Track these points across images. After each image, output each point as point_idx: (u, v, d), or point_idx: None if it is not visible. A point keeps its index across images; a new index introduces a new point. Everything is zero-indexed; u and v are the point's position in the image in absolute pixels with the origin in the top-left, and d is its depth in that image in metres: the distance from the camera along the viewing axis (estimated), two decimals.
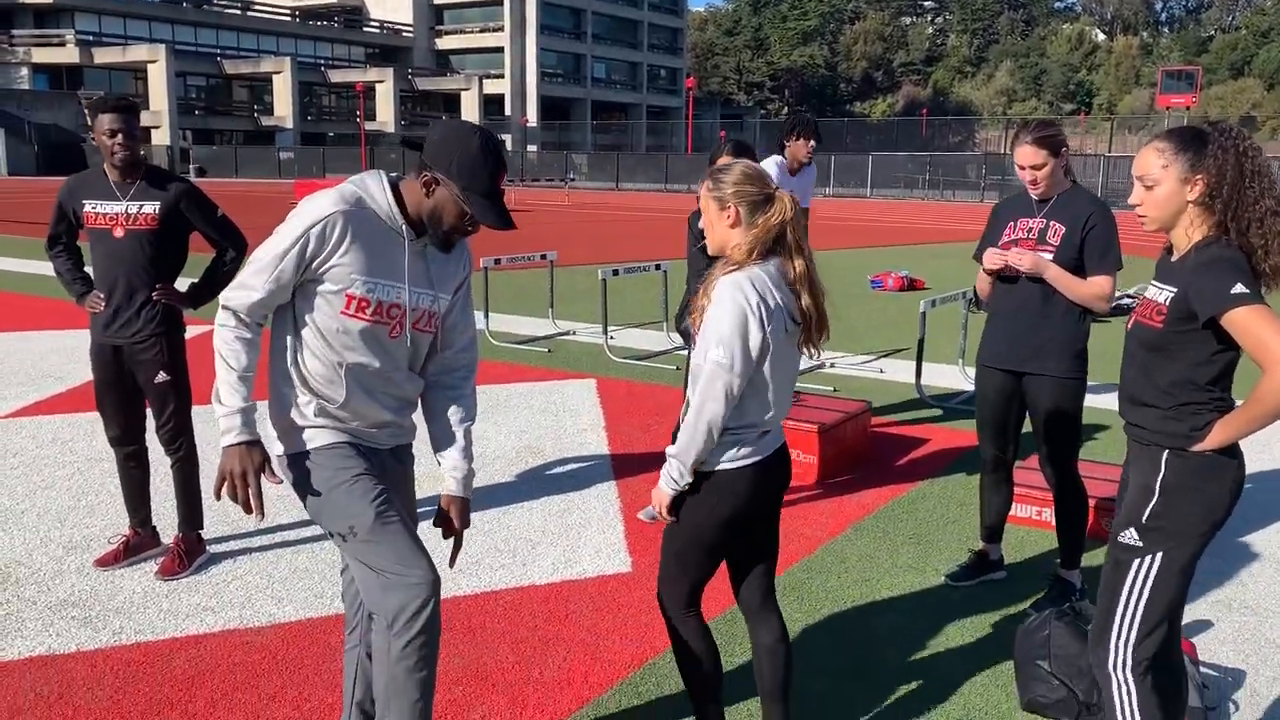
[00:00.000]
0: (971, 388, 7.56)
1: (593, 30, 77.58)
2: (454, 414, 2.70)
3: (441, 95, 72.15)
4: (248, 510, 2.45)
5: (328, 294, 2.45)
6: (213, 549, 4.42)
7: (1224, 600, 4.14)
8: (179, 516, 4.27)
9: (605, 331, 9.20)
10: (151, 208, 4.00)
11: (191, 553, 4.25)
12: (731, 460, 2.63)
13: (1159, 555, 2.47)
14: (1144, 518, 2.49)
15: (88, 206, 4.00)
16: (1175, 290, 2.43)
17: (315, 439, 2.53)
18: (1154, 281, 2.57)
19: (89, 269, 4.15)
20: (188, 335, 4.29)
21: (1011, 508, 4.47)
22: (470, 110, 69.40)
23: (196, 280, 4.22)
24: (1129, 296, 10.46)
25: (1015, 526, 4.83)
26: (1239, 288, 2.30)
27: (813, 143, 5.90)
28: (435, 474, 4.97)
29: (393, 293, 2.50)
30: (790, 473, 2.85)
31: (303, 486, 2.55)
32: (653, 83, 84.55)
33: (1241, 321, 2.29)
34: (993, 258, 3.91)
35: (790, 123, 5.92)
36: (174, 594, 3.99)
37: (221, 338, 2.46)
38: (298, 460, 2.54)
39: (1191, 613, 4.01)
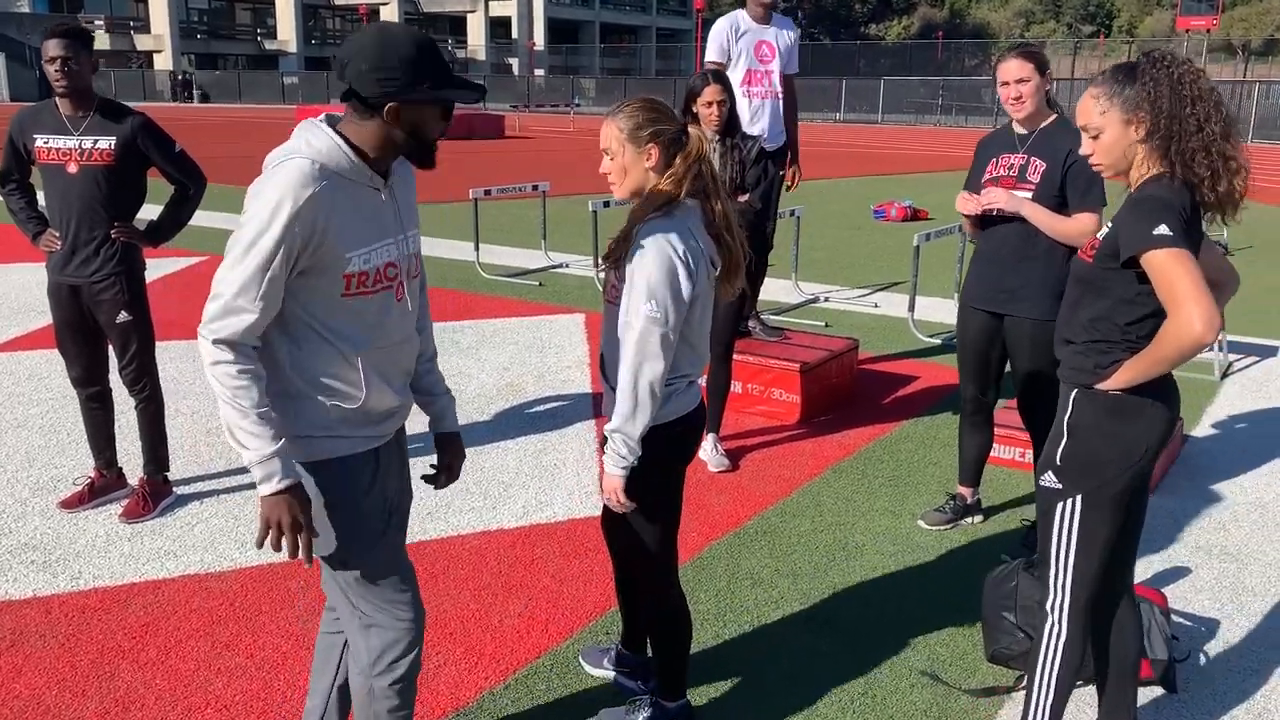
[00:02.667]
0: None
1: None
2: (422, 358, 2.46)
3: (447, 18, 70.79)
4: (296, 557, 2.14)
5: (322, 283, 2.09)
6: (182, 490, 4.37)
7: (1204, 546, 4.07)
8: (144, 458, 4.21)
9: (596, 264, 9.05)
10: (106, 143, 3.86)
11: (157, 495, 4.20)
12: (669, 414, 2.52)
13: (1079, 497, 2.42)
14: (1057, 459, 2.45)
15: (39, 141, 3.87)
16: (1111, 225, 2.37)
17: (318, 451, 2.17)
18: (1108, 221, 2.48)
19: (43, 206, 4.03)
20: (148, 274, 4.18)
21: (993, 449, 4.39)
22: (476, 34, 68.19)
23: (155, 218, 4.10)
24: None
25: (998, 468, 4.75)
26: (1162, 229, 2.21)
27: None
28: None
29: (387, 251, 2.18)
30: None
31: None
32: (662, 4, 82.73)
33: (1158, 263, 2.21)
34: (964, 203, 3.77)
35: None
36: (136, 537, 3.95)
37: (220, 377, 2.03)
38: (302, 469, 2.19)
39: (1168, 559, 3.94)
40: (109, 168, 3.88)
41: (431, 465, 2.54)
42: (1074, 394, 2.44)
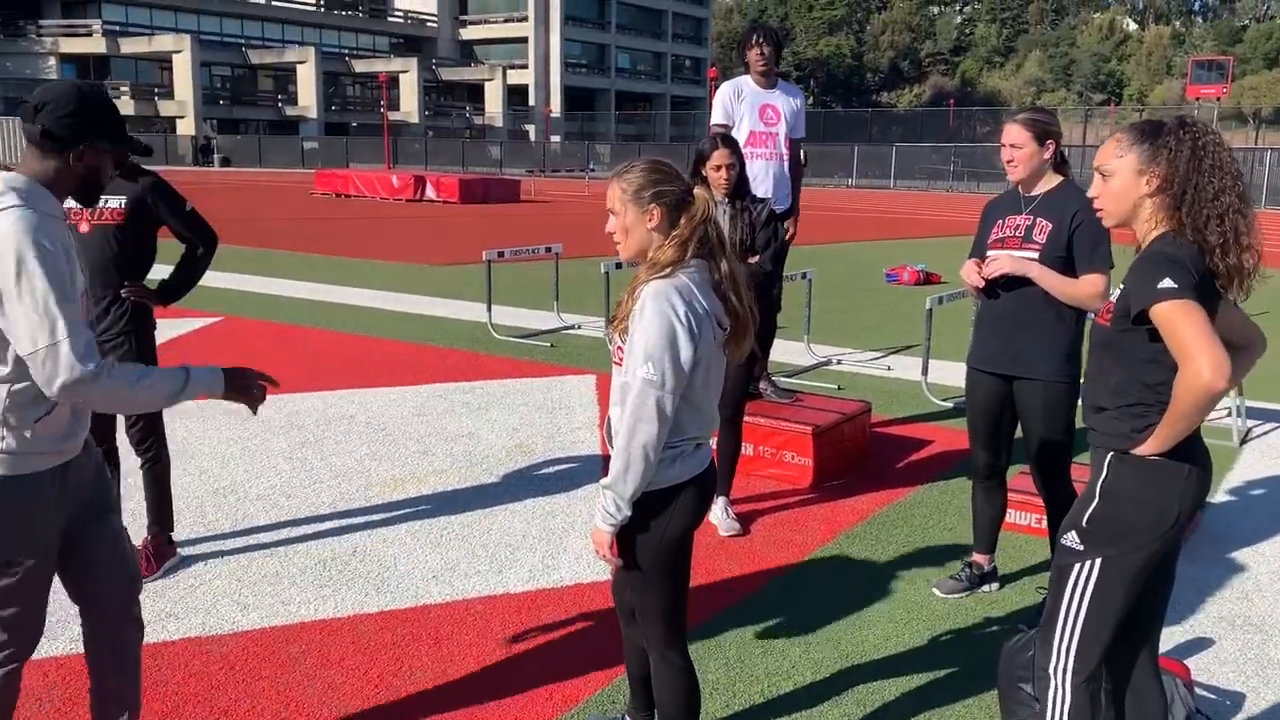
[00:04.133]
0: None
1: (617, 20, 77.29)
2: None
3: (465, 85, 72.15)
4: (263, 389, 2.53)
5: None
6: (186, 550, 4.33)
7: (1227, 617, 3.96)
8: (149, 518, 4.17)
9: (607, 326, 9.05)
10: (117, 202, 3.90)
11: (160, 555, 4.15)
12: (675, 477, 2.48)
13: (1099, 561, 2.37)
14: (1084, 520, 2.40)
15: None
16: (1123, 287, 2.35)
17: (17, 467, 2.31)
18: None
19: None
20: (159, 333, 4.18)
21: (1008, 515, 4.31)
22: (494, 101, 69.38)
23: (166, 277, 4.11)
24: None
25: (1014, 535, 4.67)
26: (1167, 282, 2.19)
27: (765, 49, 5.71)
28: (417, 475, 4.86)
29: (82, 281, 2.36)
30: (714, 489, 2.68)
31: None
32: (677, 73, 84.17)
33: (1164, 316, 2.20)
34: (969, 274, 3.76)
35: (747, 32, 5.81)
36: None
37: (116, 385, 2.26)
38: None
39: (1192, 629, 3.83)
40: (120, 226, 3.91)
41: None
42: (1109, 458, 2.39)
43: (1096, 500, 2.39)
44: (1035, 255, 3.64)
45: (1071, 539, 2.42)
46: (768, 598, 4.03)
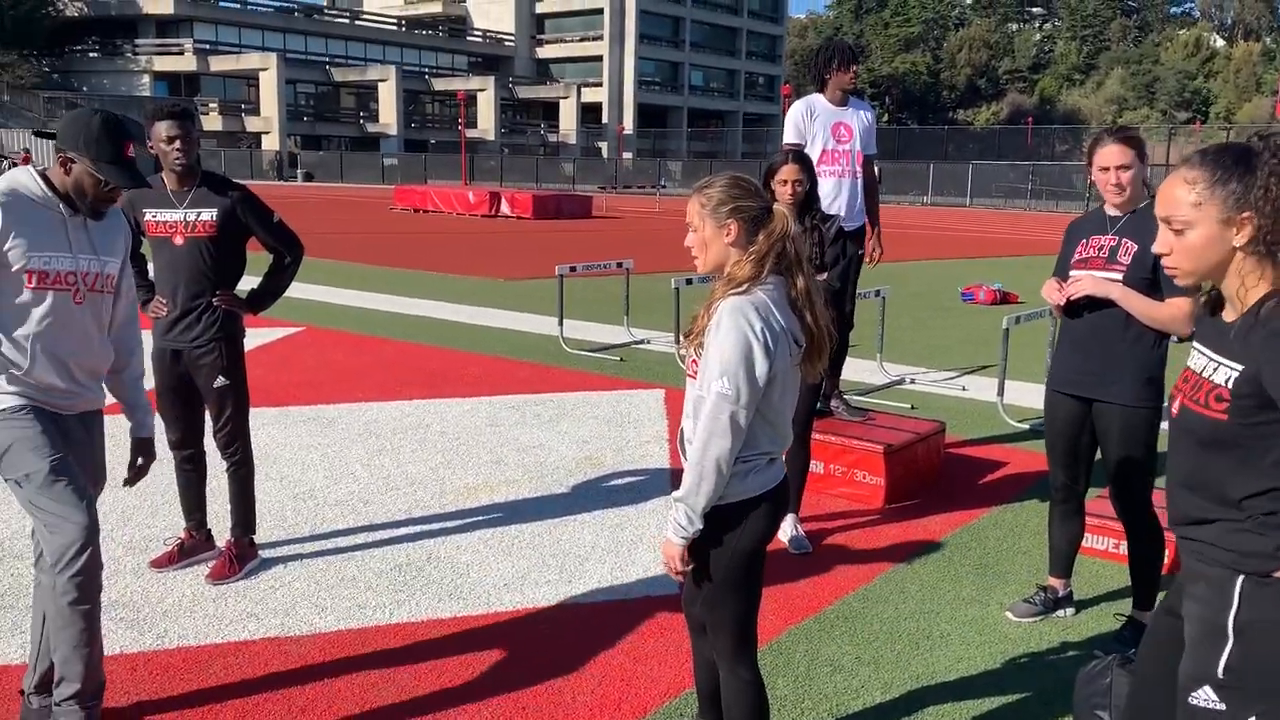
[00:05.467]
0: None
1: (691, 38, 77.64)
2: (127, 380, 3.23)
3: (540, 103, 73.02)
4: None
5: (9, 275, 2.80)
6: (266, 553, 4.45)
7: None
8: (232, 520, 4.30)
9: (678, 341, 9.08)
10: (209, 215, 4.04)
11: (243, 557, 4.28)
12: (747, 491, 2.50)
13: None
14: (1219, 670, 1.88)
15: (148, 215, 4.06)
16: (1241, 368, 1.86)
17: (2, 403, 2.85)
18: (1200, 347, 2.00)
19: (153, 274, 4.21)
20: (245, 341, 4.32)
21: (1085, 539, 4.22)
22: (568, 118, 70.10)
23: (255, 286, 4.26)
24: None
25: (1091, 560, 4.57)
26: None
27: (855, 68, 5.77)
28: (490, 484, 4.92)
29: (66, 262, 2.87)
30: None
31: None
32: (750, 90, 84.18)
33: None
34: (1051, 293, 3.71)
35: (829, 52, 5.76)
36: (221, 599, 4.02)
37: None
38: None
39: None
40: (212, 238, 4.05)
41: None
42: (1240, 582, 1.88)
43: (1231, 642, 1.87)
44: (1119, 276, 3.58)
45: (1206, 698, 1.89)
46: (836, 617, 4.01)
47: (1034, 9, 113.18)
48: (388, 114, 64.90)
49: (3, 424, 2.85)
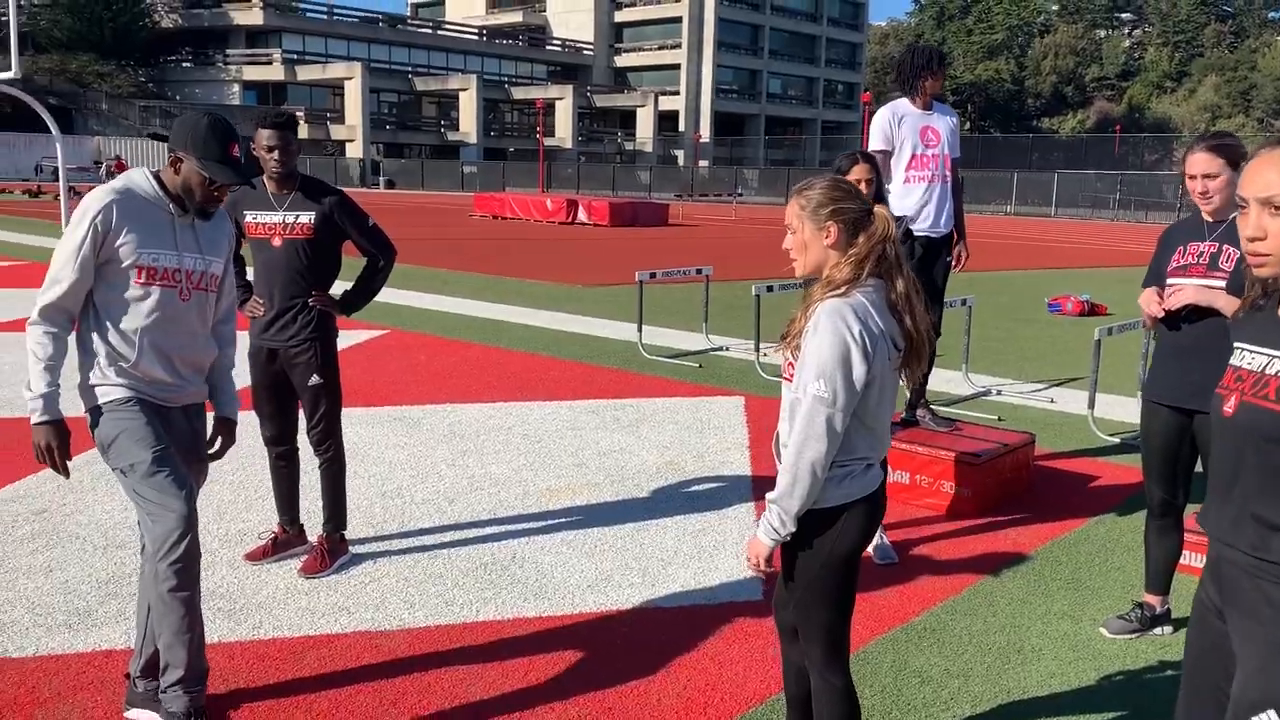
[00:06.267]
0: None
1: (770, 46, 77.40)
2: (217, 366, 3.28)
3: (618, 111, 73.44)
4: (58, 472, 2.97)
5: (121, 270, 2.93)
6: (355, 549, 4.54)
7: None
8: (324, 516, 4.40)
9: (757, 349, 9.05)
10: (307, 217, 4.15)
11: (334, 552, 4.37)
12: (844, 496, 2.47)
13: None
14: None
15: (248, 217, 4.18)
16: None
17: (111, 394, 2.97)
18: (1249, 346, 1.92)
19: (250, 275, 4.34)
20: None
21: (1183, 556, 4.10)
22: (645, 126, 70.35)
23: (349, 287, 4.35)
24: None
25: (1190, 577, 4.43)
26: None
27: (944, 73, 5.81)
28: (572, 486, 4.94)
29: (173, 259, 3.00)
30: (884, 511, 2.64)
31: (99, 432, 2.99)
32: (829, 98, 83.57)
33: None
34: (1149, 304, 3.61)
35: (924, 56, 5.72)
36: (314, 592, 4.12)
37: (32, 335, 2.92)
38: (96, 412, 2.99)
39: None
40: (309, 240, 4.16)
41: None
42: None
43: None
44: (1221, 284, 3.47)
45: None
46: (924, 628, 3.95)
47: (1123, 15, 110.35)
48: (468, 122, 65.89)
49: (111, 415, 2.98)
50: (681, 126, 73.14)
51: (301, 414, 4.37)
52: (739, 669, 3.58)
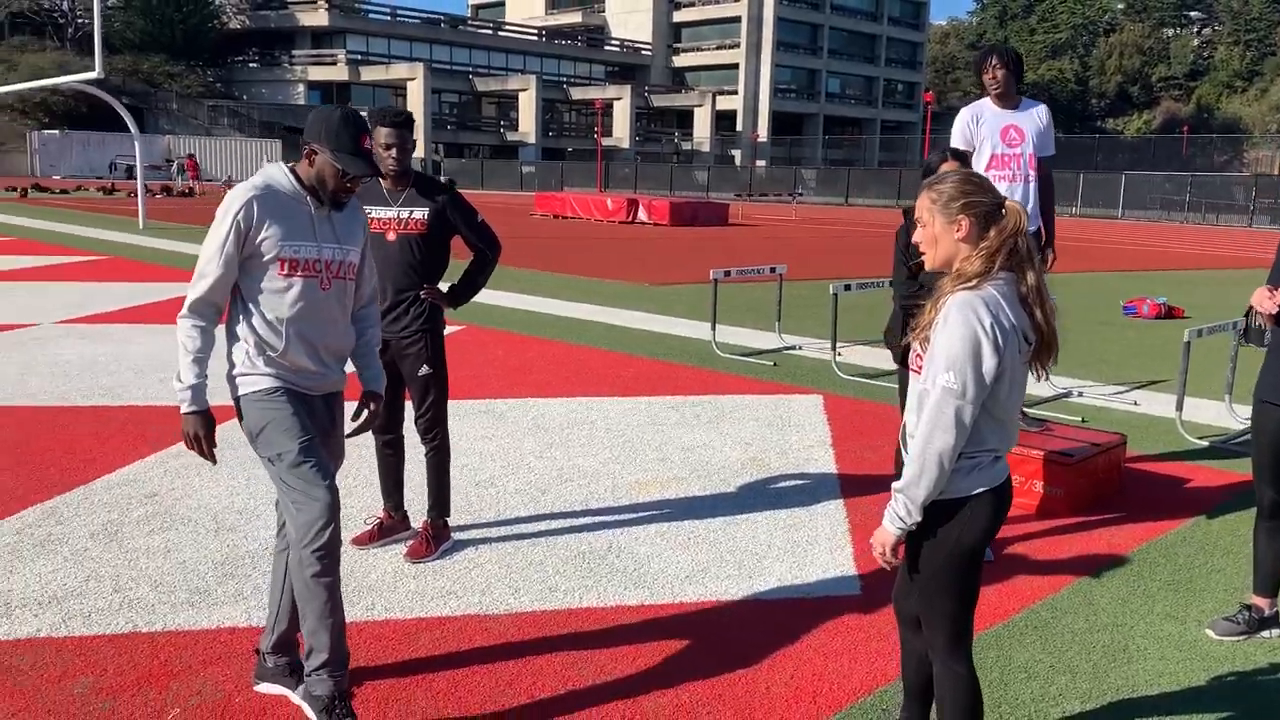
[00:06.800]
0: (1239, 426, 6.93)
1: (829, 45, 76.93)
2: (363, 344, 3.40)
3: (675, 111, 73.48)
4: (205, 458, 3.09)
5: (265, 263, 3.04)
6: (457, 536, 4.65)
7: None
8: (429, 503, 4.51)
9: (834, 347, 9.05)
10: (421, 213, 4.26)
11: (438, 538, 4.48)
12: (971, 487, 2.50)
13: None
14: None
15: (367, 211, 4.30)
16: None
17: (259, 384, 3.08)
18: None
19: None
20: (447, 333, 4.53)
21: None
22: (702, 126, 70.31)
23: (456, 282, 4.46)
24: None
25: None
26: None
27: (999, 71, 5.65)
28: (659, 480, 4.98)
29: (313, 250, 3.10)
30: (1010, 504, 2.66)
31: (247, 422, 3.09)
32: (888, 97, 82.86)
33: None
34: (1263, 301, 3.57)
35: (978, 54, 5.78)
36: (420, 576, 4.23)
37: (181, 328, 3.04)
38: (243, 401, 3.09)
39: None
40: (422, 235, 4.28)
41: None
42: None
43: None
44: None
45: None
46: (1025, 625, 3.95)
47: (1192, 13, 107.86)
48: (527, 122, 66.41)
49: (260, 405, 3.07)
50: (739, 126, 72.98)
51: (410, 403, 4.48)
52: (844, 661, 3.61)
